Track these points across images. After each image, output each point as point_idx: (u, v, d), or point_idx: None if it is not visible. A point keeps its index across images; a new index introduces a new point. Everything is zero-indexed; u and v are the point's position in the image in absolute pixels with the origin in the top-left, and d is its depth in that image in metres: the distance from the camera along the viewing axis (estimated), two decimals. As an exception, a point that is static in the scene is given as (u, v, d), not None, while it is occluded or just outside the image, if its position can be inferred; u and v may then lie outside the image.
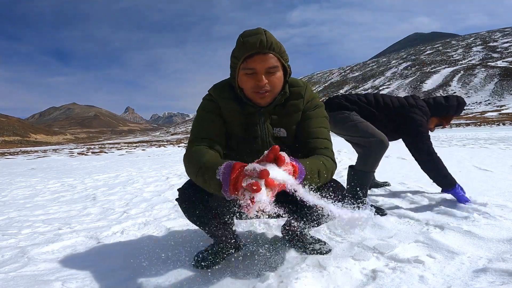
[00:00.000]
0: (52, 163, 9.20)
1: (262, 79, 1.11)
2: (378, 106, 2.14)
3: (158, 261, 1.43)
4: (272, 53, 1.10)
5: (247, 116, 1.23)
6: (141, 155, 11.11)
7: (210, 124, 1.21)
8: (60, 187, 4.09)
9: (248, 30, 1.12)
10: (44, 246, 1.70)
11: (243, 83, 1.15)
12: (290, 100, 1.23)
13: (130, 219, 2.19)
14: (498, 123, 24.43)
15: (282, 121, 1.24)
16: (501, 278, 1.09)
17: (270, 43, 1.08)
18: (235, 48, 1.13)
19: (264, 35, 1.08)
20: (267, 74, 1.11)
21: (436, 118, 2.19)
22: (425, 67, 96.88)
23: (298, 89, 1.24)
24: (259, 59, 1.09)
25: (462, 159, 4.47)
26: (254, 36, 1.08)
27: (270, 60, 1.10)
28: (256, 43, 1.07)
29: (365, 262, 1.29)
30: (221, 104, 1.23)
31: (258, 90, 1.13)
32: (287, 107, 1.23)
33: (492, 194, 2.29)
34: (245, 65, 1.11)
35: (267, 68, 1.10)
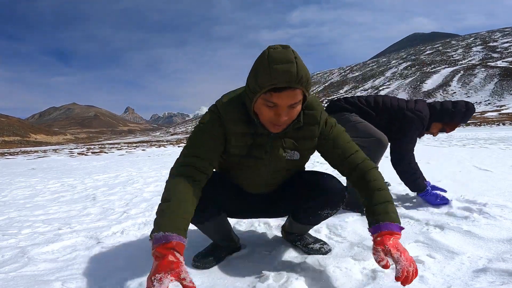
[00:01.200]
0: (52, 163, 9.20)
1: (283, 115, 1.03)
2: (377, 108, 2.12)
3: (158, 261, 1.43)
4: (300, 88, 0.99)
5: (255, 137, 1.17)
6: (141, 155, 11.11)
7: (206, 142, 1.14)
8: (60, 187, 4.09)
9: (277, 51, 0.97)
10: (44, 246, 1.70)
11: (261, 112, 1.06)
12: (306, 124, 1.17)
13: (130, 219, 2.19)
14: (498, 123, 24.42)
15: (297, 145, 1.20)
16: (501, 278, 1.09)
17: (300, 77, 0.96)
18: (259, 73, 0.98)
19: (295, 65, 0.95)
20: (288, 108, 1.03)
21: (440, 123, 2.12)
22: (425, 67, 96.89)
23: (314, 114, 1.17)
24: (285, 95, 0.99)
25: (462, 159, 4.47)
26: (284, 65, 0.95)
27: (296, 96, 1.01)
28: (285, 76, 0.95)
29: (365, 262, 1.29)
30: (228, 125, 1.14)
31: (275, 123, 1.06)
32: (303, 132, 1.18)
33: (492, 194, 2.29)
34: (268, 96, 1.00)
35: (290, 104, 1.02)
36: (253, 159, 1.20)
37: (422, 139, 10.10)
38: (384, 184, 1.15)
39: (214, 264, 1.37)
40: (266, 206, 1.40)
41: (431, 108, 2.12)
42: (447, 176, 3.16)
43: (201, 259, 1.38)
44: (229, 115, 1.13)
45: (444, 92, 67.55)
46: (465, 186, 2.66)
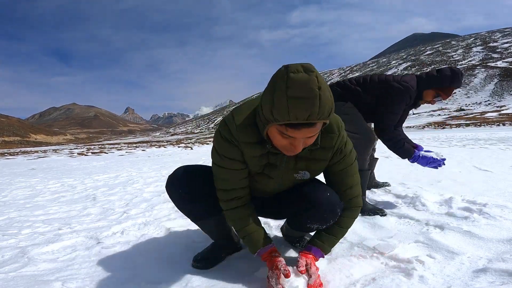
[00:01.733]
0: (52, 163, 9.20)
1: (299, 147, 0.96)
2: (365, 85, 2.13)
3: (158, 261, 1.43)
4: (321, 121, 0.89)
5: (269, 156, 1.13)
6: (141, 155, 11.11)
7: (235, 174, 1.15)
8: (60, 187, 4.09)
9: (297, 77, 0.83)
10: (44, 246, 1.70)
11: (275, 139, 0.98)
12: (321, 148, 1.11)
13: (130, 219, 2.19)
14: (498, 124, 24.43)
15: (308, 165, 1.17)
16: (501, 278, 1.09)
17: (322, 112, 0.85)
18: (275, 102, 0.86)
19: (318, 100, 0.83)
20: (305, 138, 0.95)
21: (432, 90, 2.08)
22: (425, 68, 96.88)
23: (331, 137, 1.10)
24: (303, 131, 0.90)
25: (462, 160, 4.47)
26: (306, 100, 0.83)
27: (316, 129, 0.91)
28: (306, 113, 0.84)
29: (365, 262, 1.29)
30: (243, 148, 1.09)
31: (289, 152, 1.00)
32: (315, 154, 1.13)
33: (492, 195, 2.29)
34: (283, 129, 0.91)
35: (308, 137, 0.94)
36: (265, 176, 1.19)
37: (422, 140, 10.05)
38: (349, 224, 1.24)
39: (214, 265, 1.37)
40: (264, 208, 1.40)
41: (418, 78, 2.12)
42: (447, 176, 3.16)
43: (200, 259, 1.38)
44: (243, 139, 1.07)
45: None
46: (465, 186, 2.66)
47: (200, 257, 1.39)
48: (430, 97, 2.09)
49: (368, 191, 2.64)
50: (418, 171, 3.64)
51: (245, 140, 1.07)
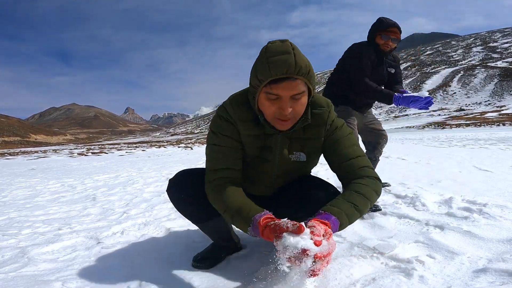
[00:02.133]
0: (52, 163, 9.19)
1: (286, 107, 1.01)
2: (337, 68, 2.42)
3: (158, 261, 1.43)
4: (301, 78, 0.99)
5: (265, 139, 1.16)
6: (141, 155, 11.11)
7: (229, 151, 1.14)
8: (60, 187, 4.09)
9: (274, 44, 1.00)
10: (44, 247, 1.70)
11: (264, 107, 1.05)
12: (312, 124, 1.14)
13: (130, 220, 2.19)
14: (498, 124, 24.44)
15: (303, 146, 1.18)
16: (501, 278, 1.09)
17: (299, 68, 0.96)
18: (258, 67, 1.00)
19: (293, 56, 0.96)
20: (291, 100, 1.01)
21: (375, 35, 2.27)
22: (425, 68, 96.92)
23: (321, 114, 1.15)
24: (285, 86, 0.98)
25: (462, 160, 4.47)
26: (281, 56, 0.96)
27: (298, 86, 0.99)
28: (283, 67, 0.95)
29: (365, 262, 1.29)
30: (239, 126, 1.14)
31: (280, 117, 1.04)
32: (309, 132, 1.16)
33: (492, 195, 2.29)
34: (268, 89, 1.00)
35: (292, 95, 1.00)
36: (262, 160, 1.19)
37: (422, 140, 10.03)
38: (368, 191, 1.06)
39: (214, 265, 1.37)
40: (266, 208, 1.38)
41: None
42: (447, 176, 3.16)
43: (200, 259, 1.38)
44: (239, 116, 1.13)
45: (444, 92, 67.59)
46: (465, 186, 2.66)
47: (200, 257, 1.39)
48: (380, 40, 2.26)
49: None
50: (418, 171, 3.64)
51: (240, 117, 1.13)
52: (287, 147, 1.17)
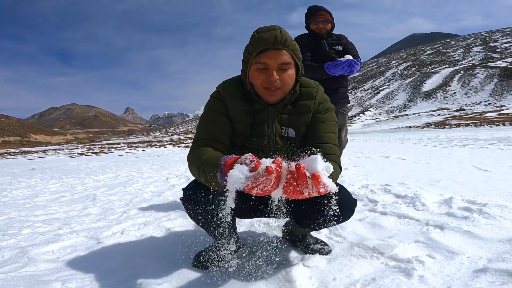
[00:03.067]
0: (52, 163, 9.20)
1: (273, 74, 1.10)
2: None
3: (158, 261, 1.43)
4: (286, 49, 1.09)
5: (255, 114, 1.21)
6: (141, 155, 11.12)
7: (214, 124, 1.20)
8: (60, 187, 4.09)
9: (263, 27, 1.12)
10: (44, 246, 1.70)
11: (254, 78, 1.14)
12: (301, 100, 1.21)
13: (130, 219, 2.19)
14: (498, 124, 24.45)
15: (291, 121, 1.22)
16: (501, 278, 1.09)
17: (284, 39, 1.07)
18: (249, 43, 1.12)
19: (279, 31, 1.08)
20: (279, 70, 1.10)
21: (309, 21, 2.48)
22: (425, 68, 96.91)
23: (309, 90, 1.22)
24: (272, 54, 1.08)
25: (462, 160, 4.47)
26: (268, 32, 1.08)
27: (283, 56, 1.09)
28: (270, 38, 1.07)
29: (365, 262, 1.29)
30: (228, 102, 1.21)
31: (268, 86, 1.12)
32: (298, 107, 1.21)
33: (492, 195, 2.29)
34: (257, 59, 1.10)
35: (279, 64, 1.09)
36: (257, 137, 1.21)
37: (422, 140, 10.01)
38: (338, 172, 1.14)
39: (213, 264, 1.37)
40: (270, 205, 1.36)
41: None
42: (447, 176, 3.17)
43: (201, 259, 1.38)
44: (228, 92, 1.21)
45: (444, 92, 67.60)
46: (465, 186, 2.66)
47: (199, 257, 1.39)
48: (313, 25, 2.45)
49: (368, 191, 2.64)
50: (418, 171, 3.65)
51: (230, 93, 1.20)
52: (278, 121, 1.21)
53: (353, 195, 1.31)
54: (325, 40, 2.47)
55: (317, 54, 2.43)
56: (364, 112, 71.54)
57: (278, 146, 1.23)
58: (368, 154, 6.05)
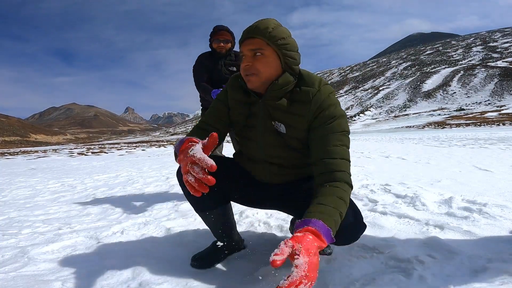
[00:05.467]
0: (52, 163, 9.20)
1: (245, 61, 1.13)
2: None
3: (158, 261, 1.43)
4: (258, 37, 1.10)
5: (250, 106, 1.24)
6: (141, 155, 11.11)
7: (213, 111, 1.30)
8: (60, 187, 4.09)
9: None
10: (44, 246, 1.69)
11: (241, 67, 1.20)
12: (298, 99, 1.14)
13: (130, 219, 2.19)
14: (498, 123, 24.45)
15: (284, 117, 1.17)
16: (501, 278, 1.09)
17: (258, 28, 1.10)
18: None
19: (261, 22, 1.11)
20: (253, 57, 1.12)
21: (212, 42, 2.65)
22: (425, 67, 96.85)
23: (307, 90, 1.12)
24: (245, 42, 1.13)
25: (462, 159, 4.47)
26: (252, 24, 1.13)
27: (254, 42, 1.11)
28: (248, 29, 1.12)
29: (365, 262, 1.29)
30: (229, 92, 1.28)
31: (244, 73, 1.15)
32: (293, 107, 1.15)
33: (492, 194, 2.29)
34: (241, 49, 1.16)
35: (251, 51, 1.12)
36: (249, 127, 1.26)
37: (422, 140, 10.00)
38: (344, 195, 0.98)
39: (213, 264, 1.37)
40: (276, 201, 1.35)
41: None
42: (447, 176, 3.17)
43: (199, 259, 1.37)
44: (231, 83, 1.28)
45: (444, 92, 67.57)
46: (465, 186, 2.66)
47: (199, 257, 1.38)
48: (215, 44, 2.61)
49: (368, 191, 2.64)
50: (418, 171, 3.65)
51: (231, 84, 1.27)
52: (270, 115, 1.20)
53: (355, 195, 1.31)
54: (224, 59, 2.67)
55: (213, 74, 2.66)
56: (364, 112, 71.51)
57: (269, 140, 1.22)
58: (368, 154, 6.05)
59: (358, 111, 75.04)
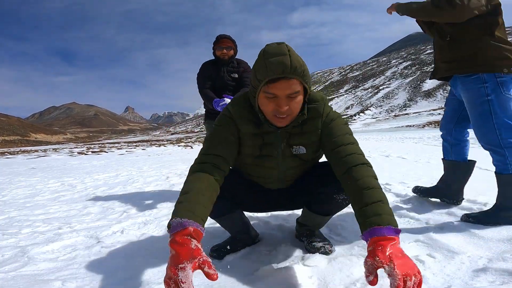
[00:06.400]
0: (52, 162, 9.19)
1: (283, 104, 1.08)
2: None
3: (158, 260, 1.43)
4: (296, 77, 1.05)
5: (264, 136, 1.22)
6: (141, 154, 11.11)
7: (221, 141, 1.19)
8: (60, 186, 4.09)
9: (271, 47, 1.07)
10: (44, 246, 1.69)
11: (263, 105, 1.12)
12: (309, 117, 1.20)
13: (130, 219, 2.19)
14: (498, 123, 24.43)
15: (301, 139, 1.23)
16: (501, 278, 1.09)
17: (294, 68, 1.03)
18: (257, 68, 1.08)
19: (289, 57, 1.03)
20: (288, 98, 1.08)
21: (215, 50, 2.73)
22: (426, 67, 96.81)
23: (316, 106, 1.20)
24: (281, 85, 1.05)
25: (462, 159, 4.46)
26: (278, 57, 1.03)
27: (293, 86, 1.06)
28: (280, 67, 1.02)
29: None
30: (239, 124, 1.22)
31: (277, 115, 1.11)
32: (306, 126, 1.21)
33: (493, 194, 2.28)
34: (266, 88, 1.07)
35: (288, 94, 1.07)
36: (265, 158, 1.25)
37: (422, 139, 10.01)
38: (375, 182, 1.05)
39: (226, 254, 1.43)
40: (283, 199, 1.43)
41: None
42: (447, 175, 3.16)
43: (216, 250, 1.43)
44: (239, 114, 1.21)
45: (445, 91, 67.54)
46: (466, 185, 2.65)
47: (217, 248, 1.44)
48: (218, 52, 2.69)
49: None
50: (418, 170, 3.64)
51: (241, 116, 1.21)
52: (287, 141, 1.23)
53: None
54: (226, 66, 2.73)
55: (216, 81, 2.71)
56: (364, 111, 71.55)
57: (289, 164, 1.28)
58: (368, 153, 6.04)
59: (358, 110, 75.10)
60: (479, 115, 1.66)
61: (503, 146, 1.61)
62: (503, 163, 1.64)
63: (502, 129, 1.60)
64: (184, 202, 0.99)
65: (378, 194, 1.01)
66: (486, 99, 1.62)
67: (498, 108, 1.60)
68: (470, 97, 1.70)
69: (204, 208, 1.00)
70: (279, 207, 1.54)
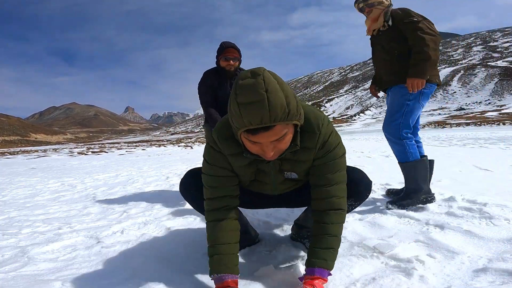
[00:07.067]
0: (52, 162, 9.19)
1: (268, 150, 0.97)
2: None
3: (158, 260, 1.43)
4: (279, 124, 0.91)
5: (257, 163, 1.16)
6: (141, 154, 11.11)
7: (221, 181, 1.16)
8: (60, 186, 4.09)
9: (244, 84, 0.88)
10: (44, 246, 1.70)
11: (247, 146, 1.01)
12: (303, 148, 1.10)
13: (130, 219, 2.19)
14: (498, 123, 24.44)
15: (293, 166, 1.17)
16: (501, 278, 1.09)
17: (275, 115, 0.87)
18: (231, 112, 0.92)
19: (266, 102, 0.85)
20: (273, 143, 0.96)
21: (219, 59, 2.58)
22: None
23: (311, 136, 1.08)
24: (263, 135, 0.92)
25: (462, 159, 4.47)
26: (253, 105, 0.86)
27: (276, 133, 0.93)
28: (256, 118, 0.87)
29: (365, 262, 1.29)
30: (230, 159, 1.14)
31: (264, 157, 1.02)
32: (299, 155, 1.12)
33: (492, 194, 2.28)
34: (247, 136, 0.94)
35: (273, 140, 0.95)
36: (259, 183, 1.26)
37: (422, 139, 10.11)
38: (338, 229, 1.13)
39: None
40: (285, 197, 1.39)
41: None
42: (447, 175, 3.16)
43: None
44: (227, 151, 1.12)
45: (445, 91, 67.56)
46: (465, 185, 2.66)
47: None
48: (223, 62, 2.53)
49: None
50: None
51: (229, 152, 1.12)
52: (278, 168, 1.19)
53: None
54: (231, 79, 2.59)
55: (219, 92, 2.58)
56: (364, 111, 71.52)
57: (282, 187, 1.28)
58: (368, 153, 6.04)
59: (358, 110, 75.08)
60: (395, 112, 2.07)
61: (402, 139, 2.06)
62: (403, 153, 2.08)
63: (403, 127, 2.05)
64: (215, 255, 1.11)
65: (335, 242, 1.12)
66: (407, 103, 2.03)
67: (409, 112, 2.04)
68: (395, 98, 2.09)
69: (235, 257, 1.13)
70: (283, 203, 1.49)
